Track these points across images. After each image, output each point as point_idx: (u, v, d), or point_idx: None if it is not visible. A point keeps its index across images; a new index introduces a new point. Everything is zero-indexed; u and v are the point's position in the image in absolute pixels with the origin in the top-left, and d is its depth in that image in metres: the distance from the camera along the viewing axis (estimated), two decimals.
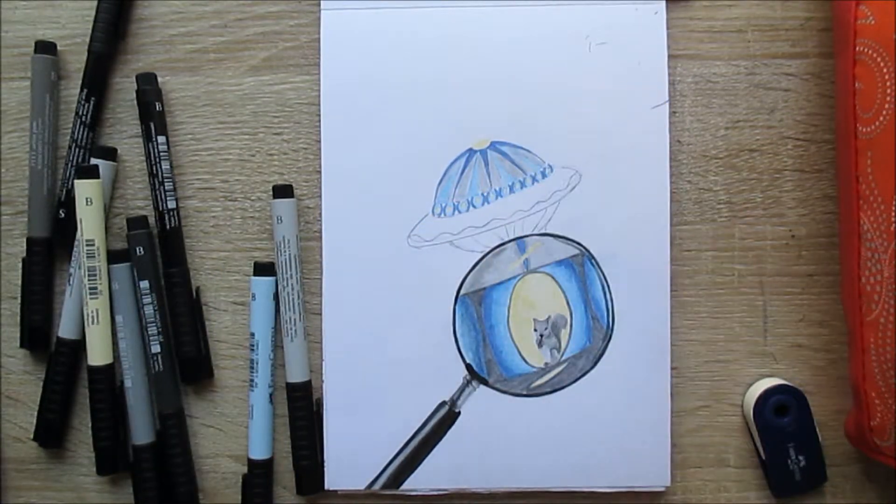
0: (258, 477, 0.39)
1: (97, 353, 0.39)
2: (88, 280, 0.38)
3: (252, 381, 0.39)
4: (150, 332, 0.39)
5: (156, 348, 0.39)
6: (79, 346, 0.39)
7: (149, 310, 0.39)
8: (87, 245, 0.38)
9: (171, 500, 0.39)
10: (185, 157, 0.40)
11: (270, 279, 0.39)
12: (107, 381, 0.39)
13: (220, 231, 0.40)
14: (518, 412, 0.39)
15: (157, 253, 0.40)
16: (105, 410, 0.39)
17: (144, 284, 0.39)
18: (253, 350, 0.39)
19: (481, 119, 0.39)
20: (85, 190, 0.38)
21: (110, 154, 0.39)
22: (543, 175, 0.39)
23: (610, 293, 0.39)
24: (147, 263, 0.39)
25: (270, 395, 0.39)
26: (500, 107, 0.39)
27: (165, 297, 0.40)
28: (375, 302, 0.39)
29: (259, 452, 0.39)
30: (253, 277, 0.39)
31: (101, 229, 0.39)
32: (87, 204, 0.38)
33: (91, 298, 0.38)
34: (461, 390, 0.39)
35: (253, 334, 0.39)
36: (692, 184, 0.40)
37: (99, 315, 0.39)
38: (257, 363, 0.39)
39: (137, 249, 0.39)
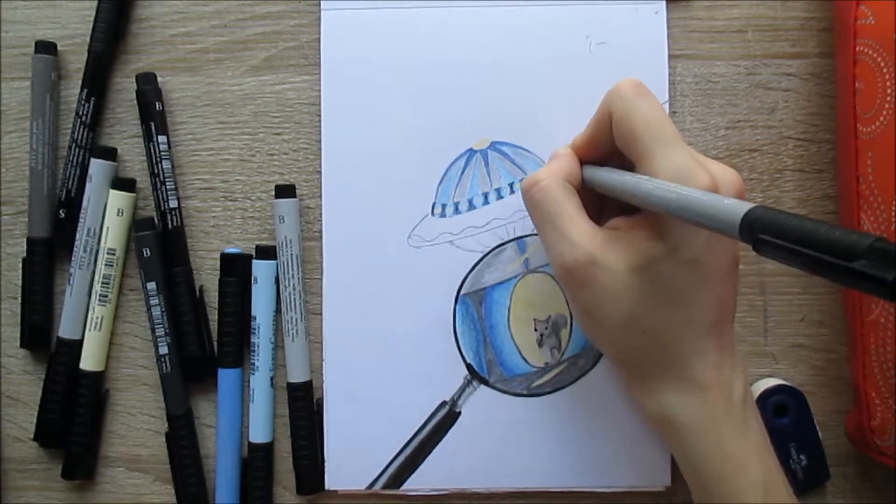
0: (258, 461, 0.39)
1: (92, 359, 0.39)
2: (101, 287, 0.39)
3: (253, 364, 0.39)
4: (157, 334, 0.39)
5: (164, 349, 0.39)
6: (79, 346, 0.39)
7: (156, 311, 0.39)
8: (108, 253, 0.39)
9: (182, 501, 0.39)
10: (185, 157, 0.40)
11: (272, 262, 0.39)
12: (93, 386, 0.39)
13: (221, 231, 0.40)
14: (518, 412, 0.39)
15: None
16: (84, 416, 0.39)
17: (152, 286, 0.39)
18: (254, 333, 0.39)
19: (481, 119, 0.39)
20: (118, 201, 0.39)
21: (110, 154, 0.39)
22: None
23: None
24: (154, 265, 0.39)
25: (271, 378, 0.39)
26: (500, 107, 0.39)
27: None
28: (375, 302, 0.39)
29: (260, 436, 0.39)
30: (255, 261, 0.39)
31: (125, 240, 0.39)
32: (117, 214, 0.39)
33: (99, 305, 0.39)
34: (461, 390, 0.39)
35: (255, 317, 0.39)
36: None
37: (102, 322, 0.39)
38: (258, 346, 0.39)
39: (144, 251, 0.39)
